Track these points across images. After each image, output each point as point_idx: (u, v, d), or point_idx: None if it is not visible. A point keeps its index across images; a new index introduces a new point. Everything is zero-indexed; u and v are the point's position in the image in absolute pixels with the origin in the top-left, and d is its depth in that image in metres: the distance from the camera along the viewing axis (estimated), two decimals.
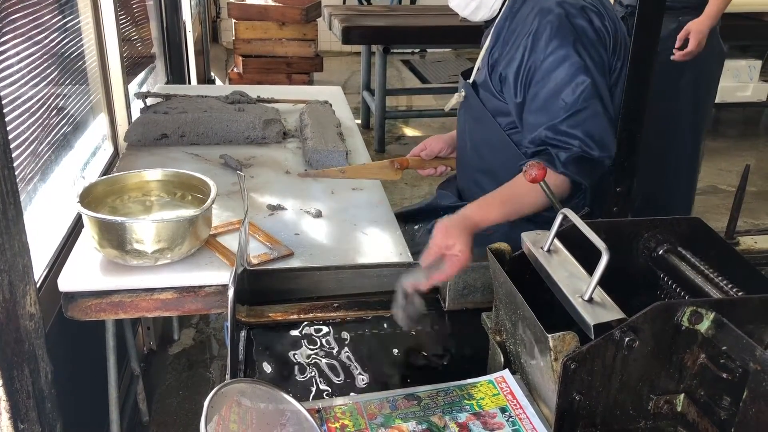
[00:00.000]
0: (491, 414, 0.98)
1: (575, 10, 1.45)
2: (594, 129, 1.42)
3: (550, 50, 1.44)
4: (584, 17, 1.45)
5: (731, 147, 5.06)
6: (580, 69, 1.42)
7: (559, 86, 1.44)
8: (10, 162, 0.95)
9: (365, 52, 5.02)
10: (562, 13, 1.44)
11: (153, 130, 2.10)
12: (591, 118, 1.42)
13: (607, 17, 1.49)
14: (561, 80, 1.44)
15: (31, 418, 1.04)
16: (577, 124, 1.42)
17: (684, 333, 0.88)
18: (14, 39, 1.57)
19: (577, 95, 1.42)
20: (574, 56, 1.43)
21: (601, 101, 1.43)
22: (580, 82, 1.42)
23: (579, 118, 1.42)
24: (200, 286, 1.41)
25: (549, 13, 1.45)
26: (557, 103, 1.44)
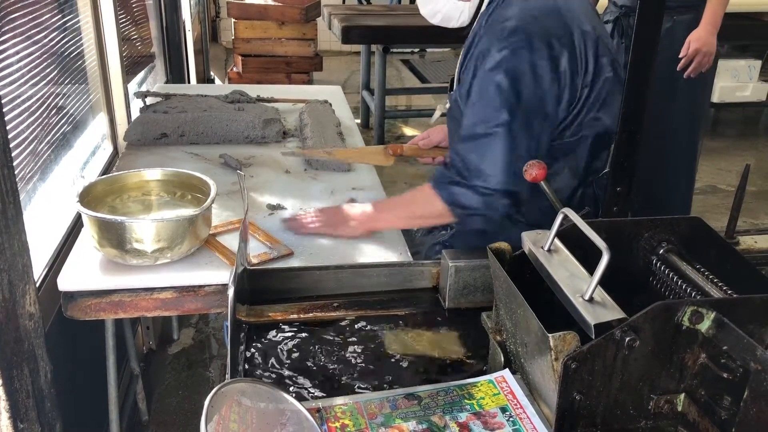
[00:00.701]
0: (492, 414, 0.97)
1: (527, 38, 1.40)
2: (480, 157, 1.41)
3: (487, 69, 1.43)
4: (535, 48, 1.40)
5: (731, 147, 5.07)
6: (503, 93, 1.40)
7: (475, 99, 1.44)
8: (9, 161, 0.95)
9: (365, 52, 5.02)
10: (512, 37, 1.41)
11: (152, 130, 2.09)
12: (485, 146, 1.41)
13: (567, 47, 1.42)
14: (479, 94, 1.43)
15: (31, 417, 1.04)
16: (470, 149, 1.43)
17: (684, 333, 0.87)
18: (14, 38, 1.57)
19: (484, 124, 1.41)
20: (503, 83, 1.40)
21: (510, 134, 1.40)
22: (495, 107, 1.40)
23: (473, 144, 1.42)
24: (200, 286, 1.41)
25: (500, 35, 1.43)
26: (470, 116, 1.45)
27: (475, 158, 1.41)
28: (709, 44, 2.77)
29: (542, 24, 1.42)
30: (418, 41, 5.29)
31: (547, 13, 1.43)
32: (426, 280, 1.33)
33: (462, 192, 1.43)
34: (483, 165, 1.41)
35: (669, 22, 2.80)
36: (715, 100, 5.14)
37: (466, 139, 1.44)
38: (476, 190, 1.42)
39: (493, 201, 1.42)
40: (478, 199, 1.42)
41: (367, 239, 1.57)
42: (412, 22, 4.59)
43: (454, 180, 1.44)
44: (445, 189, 1.45)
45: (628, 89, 1.24)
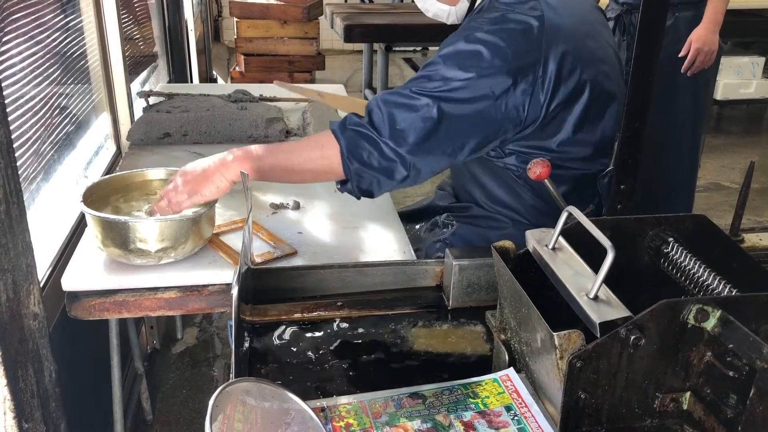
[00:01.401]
0: (496, 413, 0.97)
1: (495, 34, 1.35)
2: (402, 117, 1.31)
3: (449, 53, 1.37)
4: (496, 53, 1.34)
5: (734, 144, 5.06)
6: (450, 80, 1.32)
7: (425, 70, 1.37)
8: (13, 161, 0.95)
9: (367, 51, 5.01)
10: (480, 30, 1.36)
11: (156, 129, 2.09)
12: (417, 111, 1.30)
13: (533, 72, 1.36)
14: (431, 68, 1.36)
15: (36, 417, 1.04)
16: (396, 104, 1.32)
17: (690, 331, 0.87)
18: (17, 38, 1.57)
19: (423, 87, 1.33)
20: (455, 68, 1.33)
21: (443, 114, 1.31)
22: (438, 85, 1.32)
23: (404, 102, 1.32)
24: (204, 285, 1.41)
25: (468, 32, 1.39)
26: (409, 80, 1.37)
27: (397, 116, 1.31)
28: (711, 43, 2.76)
29: (516, 34, 1.36)
30: (421, 39, 5.29)
31: (526, 27, 1.38)
32: (429, 278, 1.32)
33: (365, 146, 1.32)
34: (402, 125, 1.30)
35: (671, 19, 2.79)
36: (719, 97, 5.14)
37: (395, 93, 1.34)
38: (380, 149, 1.32)
39: (392, 167, 1.33)
40: (380, 160, 1.32)
41: (368, 238, 1.57)
42: (415, 20, 4.58)
43: (363, 131, 1.32)
44: (351, 137, 1.32)
45: (631, 87, 1.23)
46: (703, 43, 2.75)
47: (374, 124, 1.33)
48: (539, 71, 1.37)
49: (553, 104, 1.40)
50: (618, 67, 1.57)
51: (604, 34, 1.56)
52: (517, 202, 1.57)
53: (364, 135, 1.33)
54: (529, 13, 1.40)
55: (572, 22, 1.45)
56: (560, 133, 1.45)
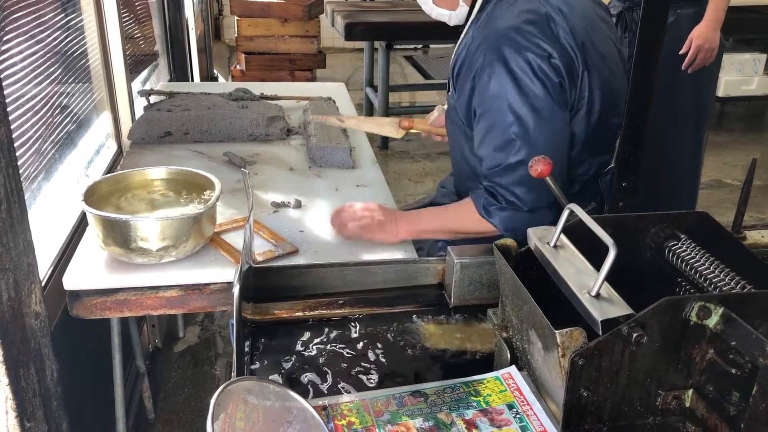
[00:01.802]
0: (498, 410, 0.97)
1: (516, 54, 1.40)
2: (524, 186, 1.43)
3: (488, 90, 1.43)
4: (524, 60, 1.39)
5: (736, 141, 5.05)
6: (513, 115, 1.40)
7: (490, 126, 1.44)
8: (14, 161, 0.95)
9: (368, 49, 5.01)
10: (502, 57, 1.40)
11: (156, 128, 2.09)
12: (522, 173, 1.41)
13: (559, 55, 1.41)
14: (495, 120, 1.43)
15: (38, 416, 1.04)
16: (510, 181, 1.44)
17: (692, 328, 0.87)
18: (17, 38, 1.57)
19: (509, 147, 1.42)
20: (507, 99, 1.40)
21: (533, 148, 1.40)
22: (515, 131, 1.40)
23: (512, 175, 1.43)
24: (205, 284, 1.41)
25: (492, 53, 1.42)
26: (488, 147, 1.45)
27: (520, 189, 1.43)
28: (711, 40, 2.76)
29: (530, 37, 1.40)
30: (422, 37, 5.28)
31: (534, 22, 1.41)
32: (431, 276, 1.32)
33: (516, 219, 1.45)
34: (530, 193, 1.43)
35: (672, 16, 2.78)
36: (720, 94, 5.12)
37: (502, 170, 1.44)
38: (530, 213, 1.45)
39: (542, 217, 1.45)
40: (532, 219, 1.43)
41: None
42: (415, 18, 4.58)
43: (504, 208, 1.46)
44: (499, 216, 1.46)
45: (633, 84, 1.23)
46: (704, 40, 2.74)
47: (512, 203, 1.46)
48: (564, 62, 1.42)
49: (575, 94, 1.45)
50: (620, 64, 1.57)
51: (606, 30, 1.55)
52: None
53: (509, 210, 1.46)
54: (536, 7, 1.43)
55: (573, 17, 1.46)
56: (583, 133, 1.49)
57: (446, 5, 1.58)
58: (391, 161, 4.26)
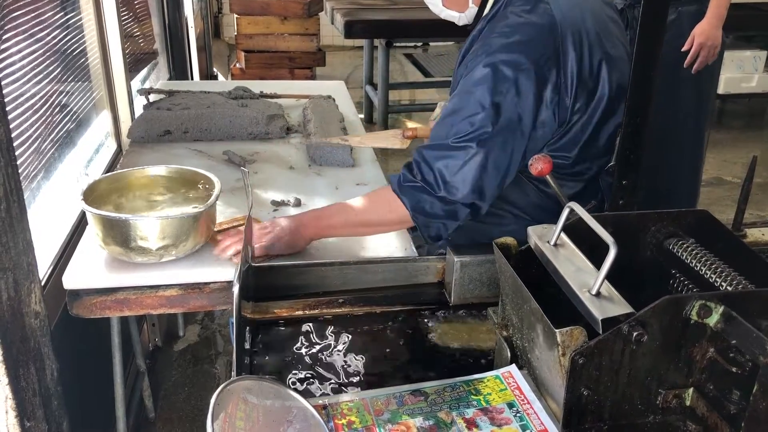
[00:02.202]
0: (498, 409, 0.97)
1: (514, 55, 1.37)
2: (449, 170, 1.39)
3: (470, 76, 1.40)
4: (522, 67, 1.37)
5: (736, 138, 5.05)
6: (483, 109, 1.37)
7: (454, 108, 1.41)
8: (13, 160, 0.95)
9: (368, 46, 5.00)
10: (500, 53, 1.38)
11: (156, 127, 2.09)
12: (456, 159, 1.38)
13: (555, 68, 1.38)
14: (459, 105, 1.41)
15: (38, 416, 1.04)
16: (439, 157, 1.40)
17: (693, 327, 0.87)
18: (16, 36, 1.57)
19: (459, 133, 1.38)
20: (483, 99, 1.37)
21: (483, 151, 1.37)
22: (473, 121, 1.38)
23: (443, 156, 1.39)
24: (205, 283, 1.40)
25: (488, 47, 1.41)
26: (446, 125, 1.42)
27: (445, 170, 1.39)
28: (714, 37, 2.75)
29: (532, 44, 1.38)
30: (422, 35, 5.28)
31: (539, 31, 1.39)
32: (431, 275, 1.32)
33: (426, 199, 1.41)
34: (451, 178, 1.39)
35: (674, 14, 2.78)
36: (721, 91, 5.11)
37: (436, 147, 1.42)
38: (441, 199, 1.41)
39: (455, 210, 1.42)
40: (442, 207, 1.41)
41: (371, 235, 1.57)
42: (415, 15, 4.58)
43: (419, 186, 1.42)
44: (411, 194, 1.42)
45: (632, 82, 1.23)
46: (706, 38, 2.74)
47: (427, 180, 1.41)
48: (561, 75, 1.39)
49: (577, 105, 1.42)
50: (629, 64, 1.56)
51: (615, 31, 1.55)
52: (520, 198, 1.57)
53: (422, 189, 1.41)
54: (540, 18, 1.41)
55: (583, 21, 1.45)
56: (584, 133, 1.47)
57: (456, 7, 1.57)
58: (391, 159, 4.26)
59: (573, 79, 1.40)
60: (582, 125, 1.46)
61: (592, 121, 1.46)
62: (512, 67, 1.37)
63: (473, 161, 1.38)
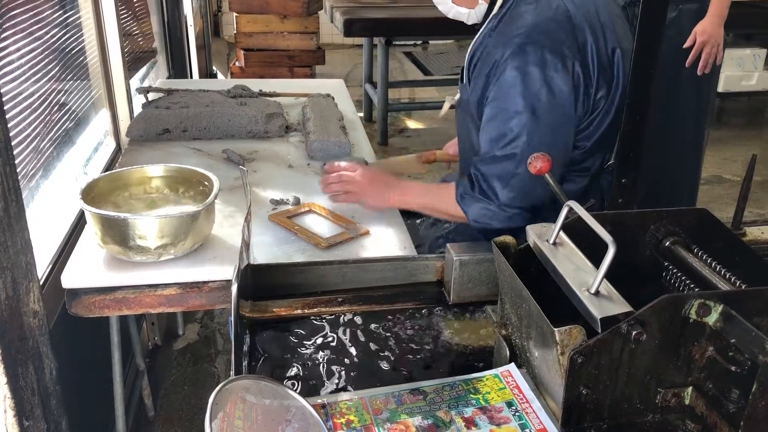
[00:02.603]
0: (497, 408, 0.97)
1: (533, 53, 1.39)
2: (504, 182, 1.43)
3: (502, 82, 1.42)
4: (540, 60, 1.39)
5: (736, 137, 5.04)
6: (515, 111, 1.40)
7: (494, 114, 1.44)
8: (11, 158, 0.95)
9: (367, 45, 5.00)
10: (519, 53, 1.40)
11: (155, 125, 2.09)
12: (507, 169, 1.42)
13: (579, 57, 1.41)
14: (498, 111, 1.43)
15: (36, 415, 1.04)
16: (492, 172, 1.44)
17: (692, 326, 0.87)
18: (15, 35, 1.56)
19: (502, 140, 1.42)
20: (515, 94, 1.40)
21: (525, 146, 1.40)
22: (508, 127, 1.41)
23: (496, 167, 1.44)
24: (204, 282, 1.40)
25: (510, 48, 1.42)
26: (486, 134, 1.46)
27: (499, 183, 1.44)
28: (716, 36, 2.74)
29: (553, 37, 1.40)
30: (421, 33, 5.28)
31: (558, 24, 1.41)
32: (430, 274, 1.32)
33: (487, 212, 1.46)
34: (506, 189, 1.44)
35: (674, 12, 2.77)
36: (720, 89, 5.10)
37: (487, 160, 1.45)
38: (501, 209, 1.45)
39: (515, 217, 1.46)
40: (503, 217, 1.45)
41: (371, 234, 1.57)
42: (415, 14, 4.57)
43: (478, 199, 1.47)
44: (471, 207, 1.48)
45: (633, 79, 1.22)
46: (708, 36, 2.73)
47: (485, 193, 1.47)
48: (584, 65, 1.41)
49: (599, 93, 1.45)
50: None
51: (624, 26, 1.55)
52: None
53: (481, 201, 1.47)
54: (555, 12, 1.43)
55: (597, 13, 1.47)
56: (603, 124, 1.48)
57: (465, 3, 1.57)
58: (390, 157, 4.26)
59: (594, 68, 1.43)
60: (603, 114, 1.47)
61: (612, 110, 1.47)
62: (540, 66, 1.38)
63: (522, 167, 1.40)
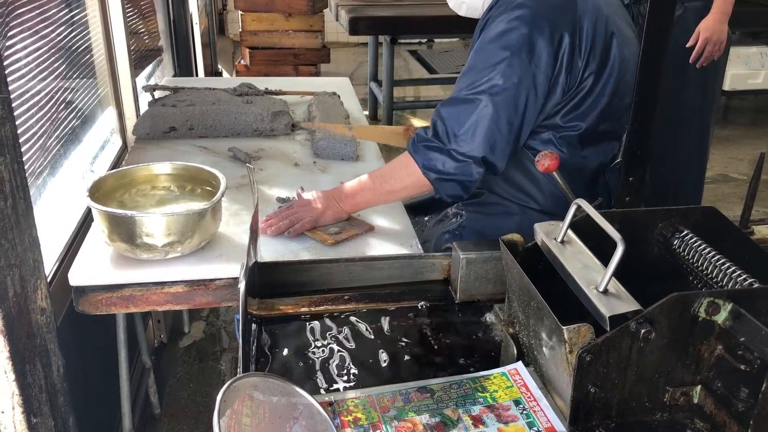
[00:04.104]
0: (505, 406, 0.97)
1: (530, 14, 1.39)
2: (459, 122, 1.38)
3: (486, 44, 1.41)
4: (537, 25, 1.38)
5: (742, 135, 5.02)
6: (496, 64, 1.38)
7: (470, 65, 1.43)
8: (19, 156, 0.95)
9: (372, 43, 5.00)
10: (517, 10, 1.40)
11: (161, 123, 2.09)
12: (466, 111, 1.38)
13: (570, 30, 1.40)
14: (473, 62, 1.42)
15: (44, 412, 1.04)
16: (451, 111, 1.40)
17: (701, 324, 0.86)
18: (22, 33, 1.57)
19: (470, 88, 1.39)
20: (498, 54, 1.38)
21: (493, 103, 1.37)
22: (485, 75, 1.38)
23: (454, 108, 1.40)
24: (210, 279, 1.40)
25: (506, 8, 1.43)
26: (460, 79, 1.44)
27: (455, 123, 1.39)
28: (719, 33, 2.73)
29: (550, 4, 1.40)
30: (426, 31, 5.26)
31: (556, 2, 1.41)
32: (437, 272, 1.32)
33: (437, 156, 1.41)
34: (461, 130, 1.39)
35: (680, 9, 2.76)
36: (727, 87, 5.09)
37: (449, 101, 1.43)
38: (451, 155, 1.40)
39: (467, 167, 1.41)
40: (453, 164, 1.40)
41: (375, 232, 1.57)
42: (420, 12, 4.56)
43: (432, 144, 1.42)
44: (422, 153, 1.43)
45: (639, 78, 1.22)
46: (711, 33, 2.73)
47: (439, 135, 1.41)
48: (575, 36, 1.40)
49: (587, 71, 1.42)
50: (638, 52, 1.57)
51: (625, 17, 1.55)
52: (531, 185, 1.56)
53: (433, 147, 1.42)
54: None
55: (598, 2, 1.47)
56: (596, 109, 1.47)
57: None
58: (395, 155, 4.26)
59: (586, 44, 1.41)
60: (596, 96, 1.46)
61: (605, 93, 1.46)
62: (527, 24, 1.38)
63: (483, 113, 1.38)
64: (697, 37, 2.75)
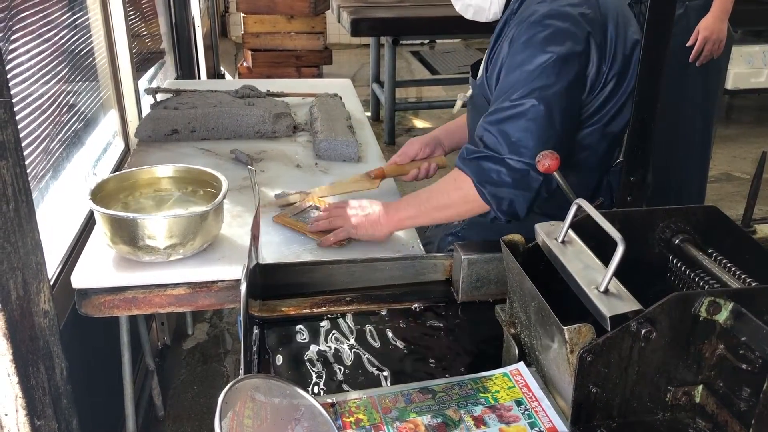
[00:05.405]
0: (507, 407, 0.97)
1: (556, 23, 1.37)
2: (514, 130, 1.33)
3: (520, 53, 1.39)
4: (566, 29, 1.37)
5: (745, 134, 5.01)
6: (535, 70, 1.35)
7: (505, 78, 1.39)
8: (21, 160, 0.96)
9: (374, 44, 5.00)
10: (542, 26, 1.38)
11: (163, 126, 2.10)
12: (518, 118, 1.33)
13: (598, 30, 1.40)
14: (511, 67, 1.38)
15: (48, 414, 1.04)
16: (500, 119, 1.34)
17: (702, 324, 0.86)
18: (24, 37, 1.57)
19: (516, 96, 1.35)
20: (536, 59, 1.35)
21: (545, 103, 1.34)
22: (528, 80, 1.34)
23: (503, 117, 1.35)
24: (213, 281, 1.41)
25: (530, 21, 1.40)
26: (498, 93, 1.40)
27: (509, 129, 1.32)
28: (719, 31, 2.73)
29: (573, 10, 1.39)
30: (428, 32, 5.27)
31: (579, 2, 1.40)
32: (439, 273, 1.32)
33: (492, 167, 1.33)
34: (516, 137, 1.31)
35: (681, 8, 2.77)
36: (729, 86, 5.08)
37: (495, 112, 1.37)
38: (509, 165, 1.32)
39: (526, 177, 1.33)
40: (511, 175, 1.32)
41: None
42: (422, 13, 4.57)
43: (483, 155, 1.34)
44: (474, 164, 1.35)
45: (640, 77, 1.22)
46: (711, 32, 2.73)
47: (490, 146, 1.35)
48: (602, 38, 1.39)
49: (611, 73, 1.41)
50: None
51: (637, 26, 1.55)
52: None
53: (487, 157, 1.34)
54: None
55: (620, 4, 1.47)
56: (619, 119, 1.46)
57: None
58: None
59: (611, 48, 1.39)
60: (616, 102, 1.45)
61: (628, 104, 1.45)
62: (557, 31, 1.36)
63: (537, 117, 1.32)
64: (696, 35, 2.75)
